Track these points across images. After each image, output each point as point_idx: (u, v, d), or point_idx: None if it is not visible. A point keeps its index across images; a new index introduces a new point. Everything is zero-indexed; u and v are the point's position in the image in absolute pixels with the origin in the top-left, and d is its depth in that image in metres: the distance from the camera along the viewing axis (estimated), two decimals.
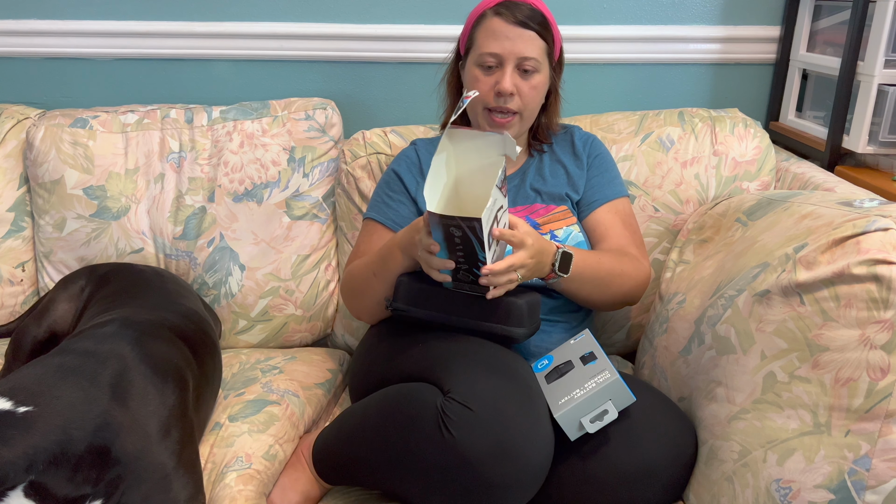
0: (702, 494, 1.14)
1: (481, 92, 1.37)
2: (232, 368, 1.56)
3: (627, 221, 1.45)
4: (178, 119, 1.72)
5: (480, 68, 1.37)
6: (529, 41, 1.34)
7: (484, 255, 1.11)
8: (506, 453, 1.02)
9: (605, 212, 1.44)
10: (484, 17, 1.37)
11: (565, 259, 1.26)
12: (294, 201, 1.69)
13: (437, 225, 1.10)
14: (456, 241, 1.11)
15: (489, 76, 1.36)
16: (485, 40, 1.36)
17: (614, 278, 1.34)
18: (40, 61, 1.90)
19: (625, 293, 1.37)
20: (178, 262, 1.69)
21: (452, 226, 1.08)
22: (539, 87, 1.38)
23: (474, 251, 1.11)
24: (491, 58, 1.35)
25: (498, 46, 1.34)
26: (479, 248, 1.11)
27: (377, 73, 1.88)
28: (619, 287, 1.35)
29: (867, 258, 0.95)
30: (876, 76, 1.49)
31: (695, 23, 1.84)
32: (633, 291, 1.39)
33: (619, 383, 1.11)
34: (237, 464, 1.23)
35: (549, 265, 1.25)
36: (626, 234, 1.43)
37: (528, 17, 1.34)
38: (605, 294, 1.35)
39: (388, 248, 1.29)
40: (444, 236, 1.12)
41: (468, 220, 1.06)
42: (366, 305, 1.37)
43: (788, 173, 1.62)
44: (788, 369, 1.03)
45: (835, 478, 0.94)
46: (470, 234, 1.08)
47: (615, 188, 1.47)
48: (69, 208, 1.67)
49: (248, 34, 1.84)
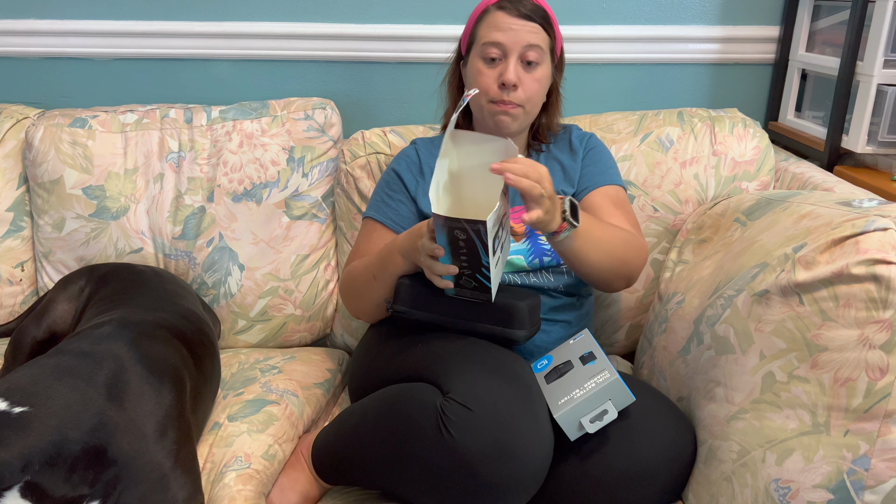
0: (701, 494, 1.14)
1: (485, 85, 1.37)
2: (231, 368, 1.56)
3: (619, 203, 1.42)
4: (178, 119, 1.72)
5: (484, 61, 1.37)
6: (533, 32, 1.34)
7: (488, 259, 1.11)
8: (505, 453, 1.02)
9: (594, 195, 1.42)
10: (487, 12, 1.38)
11: (574, 207, 1.21)
12: (293, 201, 1.69)
13: (441, 227, 1.09)
14: (460, 245, 1.11)
15: (493, 69, 1.36)
16: (488, 32, 1.36)
17: (618, 244, 1.29)
18: (39, 61, 1.90)
19: (630, 267, 1.31)
20: (178, 262, 1.69)
21: (457, 229, 1.08)
22: (542, 81, 1.38)
23: (478, 256, 1.11)
24: (495, 48, 1.35)
25: (502, 36, 1.34)
26: (484, 253, 1.10)
27: (377, 73, 1.88)
28: (624, 255, 1.30)
29: (866, 258, 0.95)
30: (875, 76, 1.49)
31: (694, 23, 1.84)
32: (637, 266, 1.33)
33: (618, 383, 1.11)
34: (236, 463, 1.23)
35: (560, 212, 1.18)
36: (618, 213, 1.39)
37: (531, 10, 1.34)
38: (612, 263, 1.28)
39: (388, 251, 1.29)
40: (448, 240, 1.11)
41: (474, 223, 1.05)
42: (365, 306, 1.37)
43: (787, 173, 1.62)
44: (787, 369, 1.03)
45: (834, 478, 0.94)
46: (475, 238, 1.08)
47: (608, 177, 1.45)
48: (68, 208, 1.67)
49: (248, 34, 1.84)
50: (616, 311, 1.66)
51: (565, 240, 1.21)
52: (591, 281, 1.32)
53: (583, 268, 1.28)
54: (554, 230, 1.18)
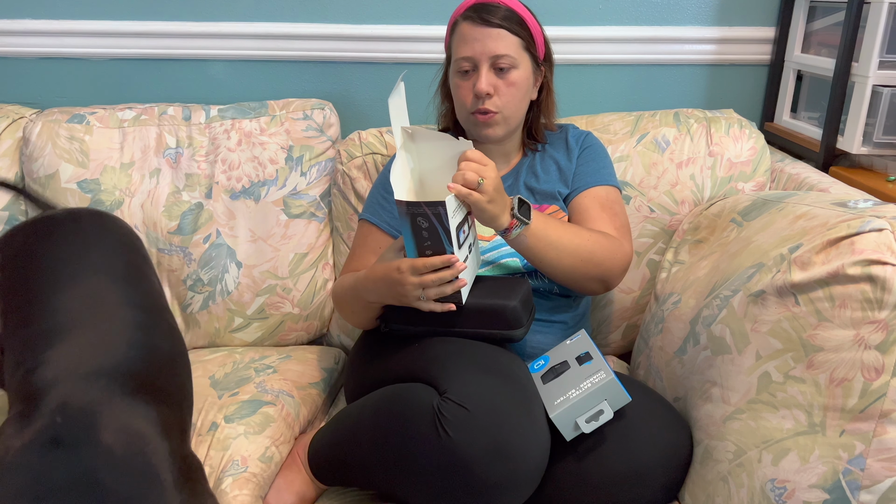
0: (697, 494, 1.14)
1: (463, 98, 1.38)
2: (225, 368, 1.55)
3: (606, 206, 1.41)
4: (176, 116, 1.73)
5: (459, 75, 1.38)
6: (499, 39, 1.34)
7: (452, 250, 1.12)
8: (502, 453, 1.02)
9: (583, 197, 1.42)
10: (456, 24, 1.39)
11: (523, 204, 1.23)
12: (291, 199, 1.69)
13: (404, 216, 1.10)
14: (424, 236, 1.11)
15: (467, 81, 1.37)
16: (458, 47, 1.37)
17: (584, 244, 1.28)
18: (35, 61, 1.89)
19: (601, 269, 1.30)
20: (172, 256, 1.69)
21: (419, 215, 1.08)
22: (518, 84, 1.37)
23: (441, 245, 1.11)
24: (465, 62, 1.35)
25: (469, 50, 1.34)
26: (448, 243, 1.11)
27: (373, 74, 1.88)
28: (591, 257, 1.28)
29: (862, 258, 0.96)
30: (870, 77, 1.49)
31: (690, 24, 1.85)
32: (611, 269, 1.32)
33: (614, 383, 1.11)
34: (233, 468, 1.23)
35: (509, 209, 1.21)
36: (603, 216, 1.39)
37: (495, 16, 1.34)
38: (575, 263, 1.28)
39: (369, 291, 1.25)
40: (411, 230, 1.11)
41: (433, 205, 1.06)
42: (357, 319, 1.37)
43: (783, 174, 1.63)
44: (783, 369, 1.03)
45: (829, 478, 0.94)
46: (436, 224, 1.08)
47: (599, 177, 1.44)
48: (62, 202, 1.67)
49: (244, 34, 1.84)
50: (612, 311, 1.66)
51: (519, 238, 1.23)
52: (560, 282, 1.33)
53: (544, 268, 1.28)
54: (504, 227, 1.20)
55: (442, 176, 1.22)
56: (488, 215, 1.17)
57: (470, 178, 1.13)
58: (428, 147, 1.22)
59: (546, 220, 1.26)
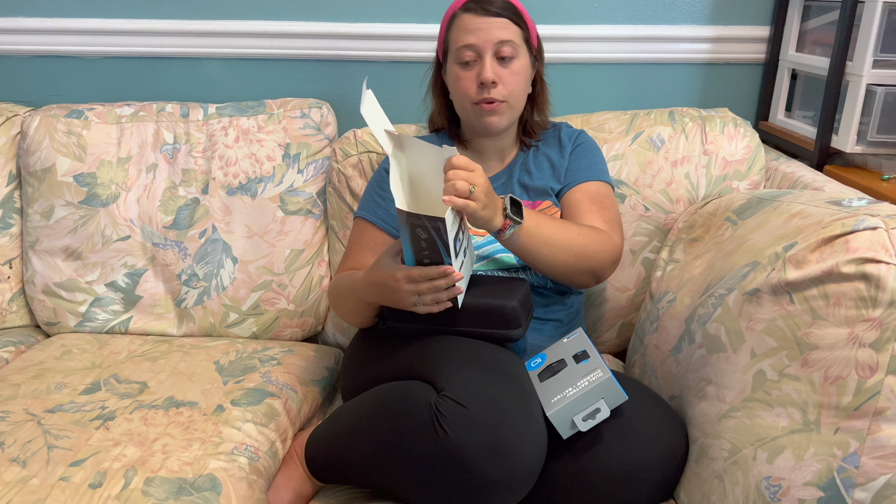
0: (692, 492, 1.14)
1: (465, 89, 1.37)
2: (229, 356, 1.57)
3: (596, 200, 1.41)
4: (174, 113, 1.73)
5: (460, 65, 1.37)
6: (503, 27, 1.34)
7: (450, 261, 1.12)
8: (500, 451, 1.02)
9: (574, 192, 1.42)
10: (455, 16, 1.39)
11: (515, 203, 1.23)
12: (288, 196, 1.69)
13: (404, 224, 1.10)
14: (422, 246, 1.11)
15: (469, 71, 1.37)
16: (459, 37, 1.36)
17: (576, 239, 1.29)
18: (30, 59, 1.89)
19: (592, 262, 1.31)
20: (167, 251, 1.69)
21: (419, 227, 1.08)
22: (521, 73, 1.38)
23: (439, 255, 1.12)
24: (468, 51, 1.35)
25: (472, 38, 1.34)
26: (445, 254, 1.11)
27: (368, 72, 1.88)
28: (583, 251, 1.29)
29: (856, 257, 0.96)
30: (864, 76, 1.50)
31: (685, 23, 1.85)
32: (602, 262, 1.32)
33: (611, 382, 1.11)
34: (247, 451, 1.26)
35: (501, 210, 1.20)
36: (592, 209, 1.39)
37: (498, 7, 1.35)
38: (568, 258, 1.28)
39: (366, 293, 1.26)
40: (410, 238, 1.11)
41: (434, 220, 1.06)
42: (354, 318, 1.37)
43: (778, 172, 1.63)
44: (778, 367, 1.03)
45: (824, 475, 0.94)
46: (436, 237, 1.08)
47: (591, 173, 1.45)
48: (58, 195, 1.67)
49: (239, 32, 1.83)
50: (607, 309, 1.66)
51: (513, 238, 1.23)
52: (553, 278, 1.33)
53: (538, 265, 1.29)
54: (498, 228, 1.20)
55: (430, 180, 1.21)
56: (482, 221, 1.17)
57: (461, 187, 1.11)
58: (413, 154, 1.21)
59: (538, 218, 1.26)
